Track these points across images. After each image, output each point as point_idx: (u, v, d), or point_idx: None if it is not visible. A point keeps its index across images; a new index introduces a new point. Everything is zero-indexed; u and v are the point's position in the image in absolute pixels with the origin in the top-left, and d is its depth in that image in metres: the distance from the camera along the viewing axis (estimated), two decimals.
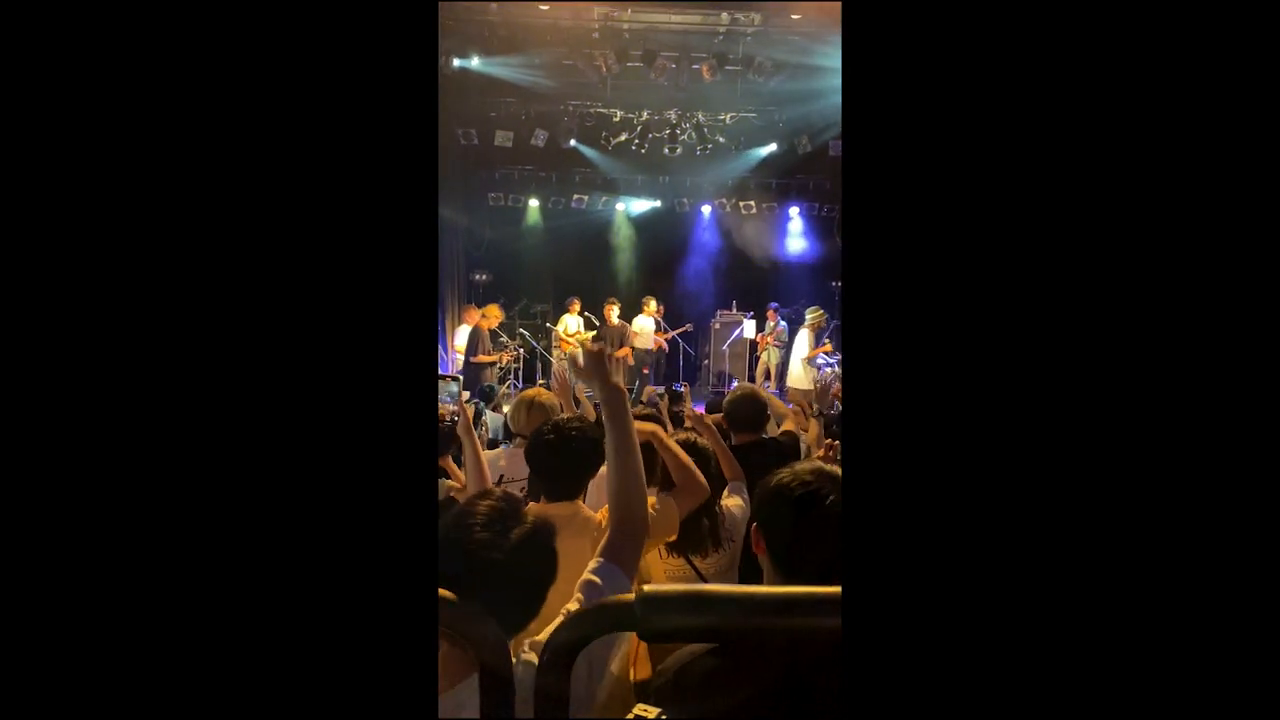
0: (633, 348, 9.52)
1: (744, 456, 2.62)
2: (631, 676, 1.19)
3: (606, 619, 0.73)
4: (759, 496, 1.27)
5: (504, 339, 8.72)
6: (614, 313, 9.37)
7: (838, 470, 1.26)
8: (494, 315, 8.54)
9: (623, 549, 1.20)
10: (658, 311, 10.03)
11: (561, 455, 1.93)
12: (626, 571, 1.18)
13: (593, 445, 1.88)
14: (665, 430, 2.28)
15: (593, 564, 1.17)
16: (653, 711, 0.74)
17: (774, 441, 3.19)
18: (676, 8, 8.45)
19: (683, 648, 0.93)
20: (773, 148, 10.75)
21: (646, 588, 0.71)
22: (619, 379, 1.33)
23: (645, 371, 9.72)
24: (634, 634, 0.71)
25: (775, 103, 10.00)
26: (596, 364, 1.38)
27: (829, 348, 8.53)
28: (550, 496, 1.94)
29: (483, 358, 8.28)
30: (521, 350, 9.28)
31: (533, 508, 1.94)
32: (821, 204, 11.57)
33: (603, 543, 1.20)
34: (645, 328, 9.92)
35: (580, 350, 1.43)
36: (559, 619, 1.10)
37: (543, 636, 1.07)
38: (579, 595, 1.13)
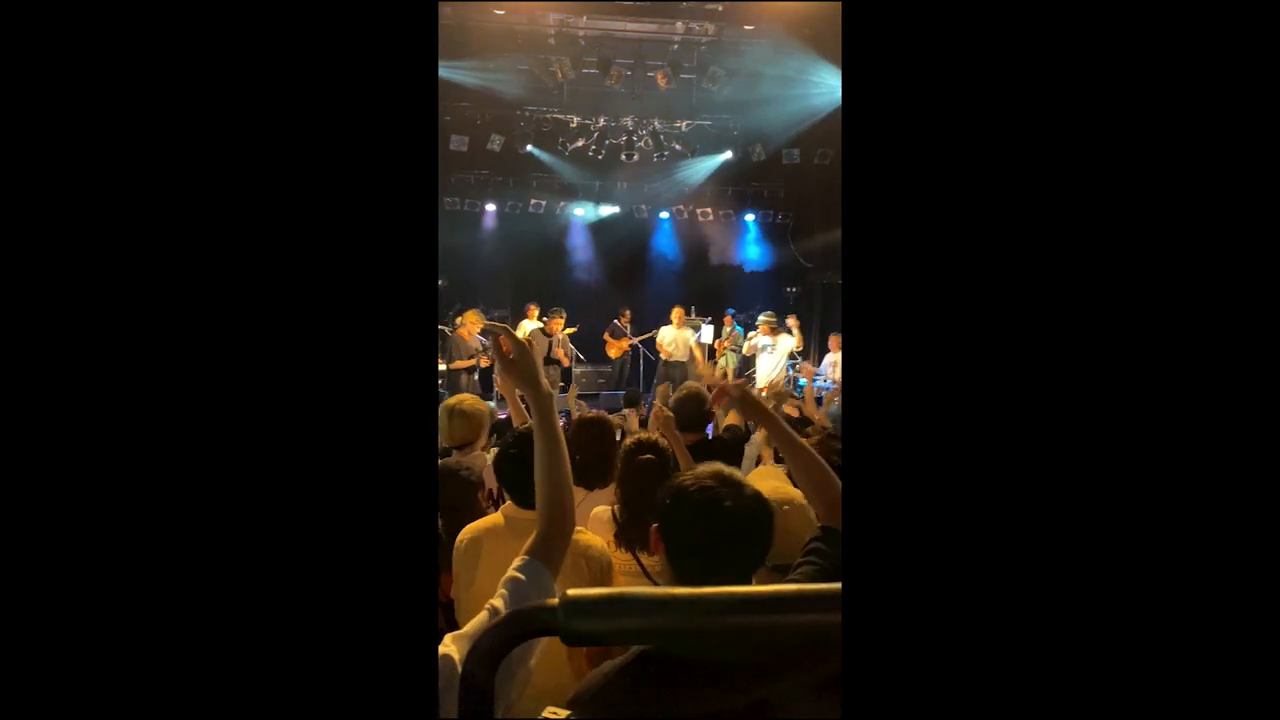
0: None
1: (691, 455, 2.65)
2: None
3: (530, 623, 0.73)
4: (660, 497, 1.27)
5: (483, 343, 8.58)
6: (559, 325, 9.22)
7: (737, 473, 1.27)
8: (473, 321, 8.33)
9: (550, 547, 1.21)
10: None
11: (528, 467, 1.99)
12: (551, 568, 1.19)
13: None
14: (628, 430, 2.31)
15: (518, 561, 1.18)
16: (562, 713, 0.75)
17: (718, 440, 3.22)
18: (632, 15, 8.50)
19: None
20: (728, 155, 10.85)
21: (570, 591, 0.72)
22: (547, 383, 1.32)
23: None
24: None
25: (729, 111, 10.09)
26: (526, 362, 1.29)
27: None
28: (523, 505, 1.99)
29: (459, 364, 8.16)
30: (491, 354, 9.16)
31: (506, 510, 1.98)
32: (776, 211, 11.71)
33: (531, 541, 1.21)
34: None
35: (503, 337, 1.32)
36: (483, 613, 1.12)
37: (466, 630, 1.08)
38: (503, 590, 1.14)
